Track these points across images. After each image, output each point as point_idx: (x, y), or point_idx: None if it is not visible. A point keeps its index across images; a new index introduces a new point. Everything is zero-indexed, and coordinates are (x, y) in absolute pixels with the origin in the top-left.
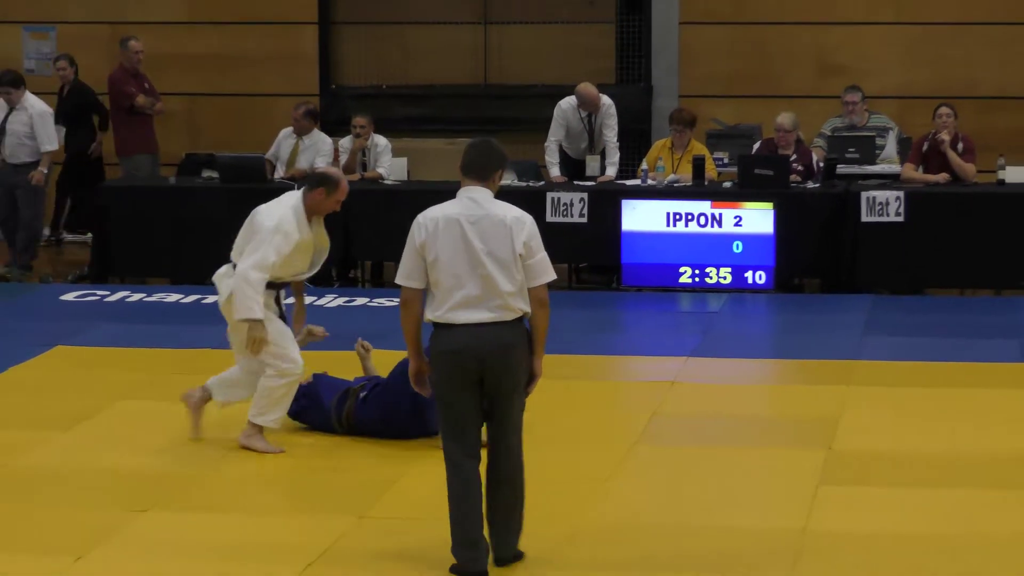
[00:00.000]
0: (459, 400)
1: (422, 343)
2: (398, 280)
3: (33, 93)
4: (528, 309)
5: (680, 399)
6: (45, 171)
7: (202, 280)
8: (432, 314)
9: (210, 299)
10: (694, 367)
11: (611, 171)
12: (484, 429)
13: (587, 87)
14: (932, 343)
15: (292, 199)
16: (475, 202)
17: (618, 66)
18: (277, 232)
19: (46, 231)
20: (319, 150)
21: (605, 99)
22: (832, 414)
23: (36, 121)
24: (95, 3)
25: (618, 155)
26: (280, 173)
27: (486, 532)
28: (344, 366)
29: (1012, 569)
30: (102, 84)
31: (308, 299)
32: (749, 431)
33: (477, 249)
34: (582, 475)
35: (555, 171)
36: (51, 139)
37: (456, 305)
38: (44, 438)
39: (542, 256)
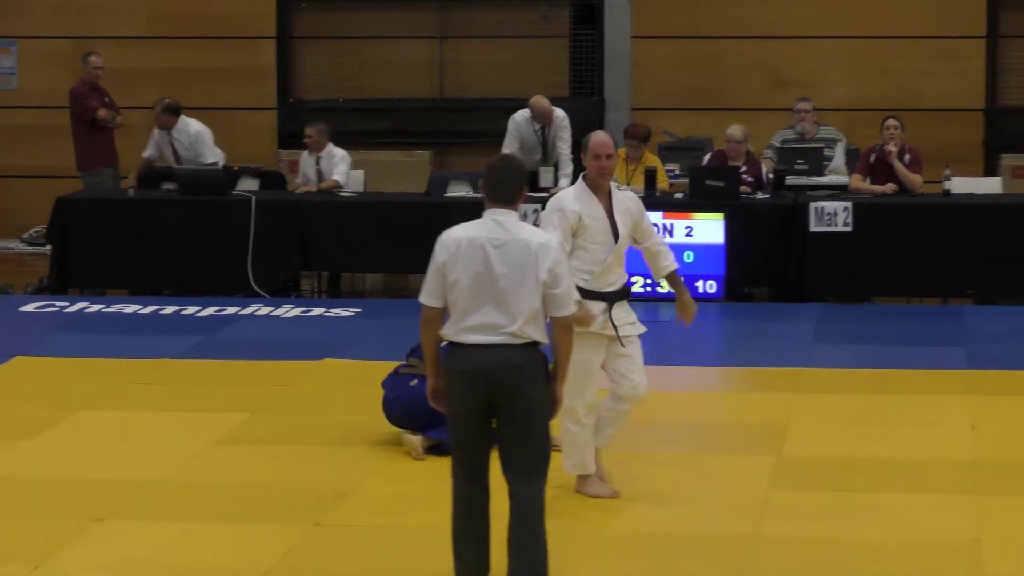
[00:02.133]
0: (466, 420)
1: (441, 362)
2: (420, 299)
3: None
4: (541, 339)
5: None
6: None
7: (161, 291)
8: (446, 330)
9: (168, 310)
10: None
11: (564, 183)
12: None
13: (540, 100)
14: (879, 351)
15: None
16: (501, 225)
17: (571, 80)
18: (553, 211)
19: None
20: (195, 137)
21: (558, 112)
22: (782, 421)
23: None
24: (57, 18)
25: (571, 167)
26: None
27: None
28: (301, 374)
29: (958, 573)
30: (63, 98)
31: (265, 310)
32: (700, 438)
33: (498, 274)
34: None
35: None
36: None
37: (470, 327)
38: (4, 448)
39: (566, 285)
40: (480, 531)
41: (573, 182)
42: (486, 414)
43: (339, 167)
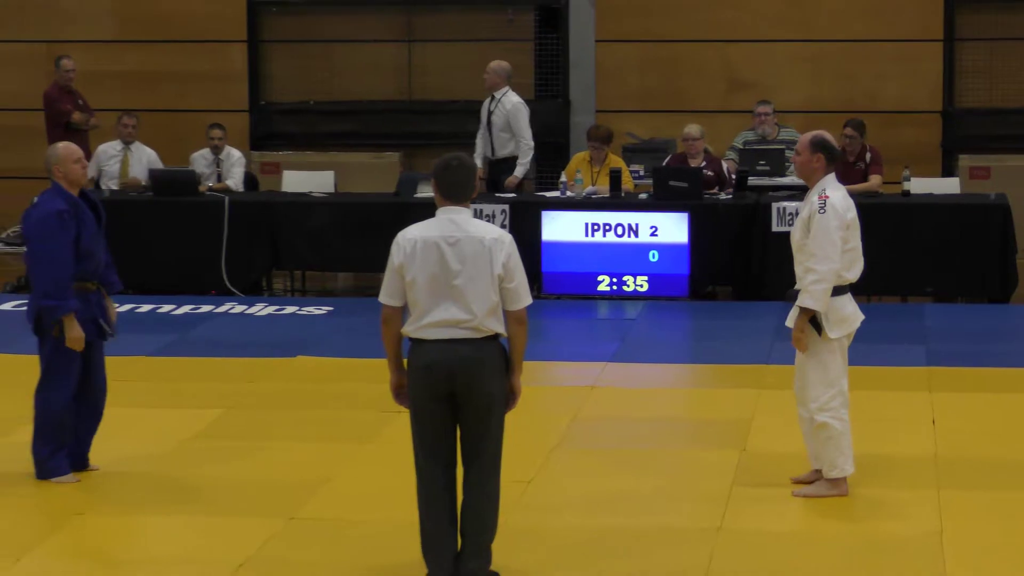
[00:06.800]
0: (431, 413)
1: (401, 358)
2: (380, 298)
3: None
4: (501, 330)
5: (599, 403)
6: None
7: (137, 289)
8: (407, 328)
9: (144, 308)
10: (613, 372)
11: (519, 171)
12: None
13: (495, 63)
14: None
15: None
16: (454, 223)
17: (537, 82)
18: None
19: None
20: (149, 156)
21: (514, 98)
22: (745, 416)
23: None
24: (31, 22)
25: (530, 155)
26: (113, 186)
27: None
28: (274, 371)
29: (920, 565)
30: (38, 101)
31: (238, 308)
32: (666, 433)
33: (454, 272)
34: (506, 477)
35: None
36: None
37: (430, 324)
38: None
39: (520, 279)
40: (448, 516)
41: (539, 183)
42: (448, 407)
43: (234, 170)
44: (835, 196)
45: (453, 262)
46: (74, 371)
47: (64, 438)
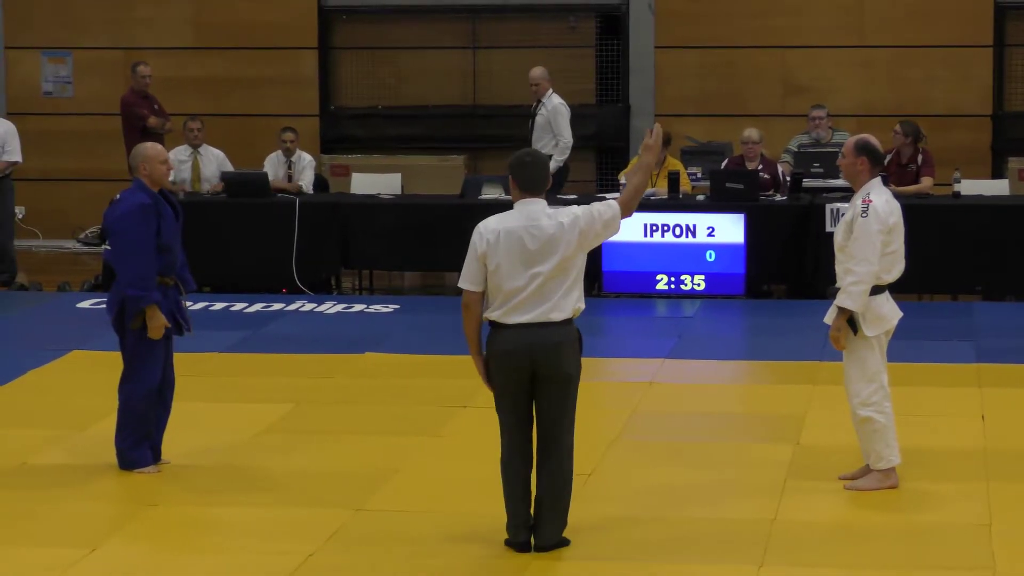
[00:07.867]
0: (514, 392)
1: (482, 342)
2: (461, 284)
3: (50, 114)
4: (581, 305)
5: (657, 398)
6: None
7: (212, 288)
8: (488, 314)
9: (217, 306)
10: (670, 368)
11: (552, 165)
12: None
13: (537, 70)
14: (892, 344)
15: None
16: (533, 212)
17: (598, 87)
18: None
19: None
20: (218, 157)
21: (556, 99)
22: (799, 411)
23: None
24: (109, 30)
25: (567, 153)
26: (187, 188)
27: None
28: (343, 367)
29: (970, 557)
30: (115, 106)
31: (308, 306)
32: (722, 427)
33: (535, 257)
34: None
35: None
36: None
37: (511, 308)
38: (61, 437)
39: (594, 207)
40: (526, 479)
41: (600, 184)
42: (530, 387)
43: (305, 173)
44: (878, 200)
45: (534, 248)
46: (157, 364)
47: (146, 430)
